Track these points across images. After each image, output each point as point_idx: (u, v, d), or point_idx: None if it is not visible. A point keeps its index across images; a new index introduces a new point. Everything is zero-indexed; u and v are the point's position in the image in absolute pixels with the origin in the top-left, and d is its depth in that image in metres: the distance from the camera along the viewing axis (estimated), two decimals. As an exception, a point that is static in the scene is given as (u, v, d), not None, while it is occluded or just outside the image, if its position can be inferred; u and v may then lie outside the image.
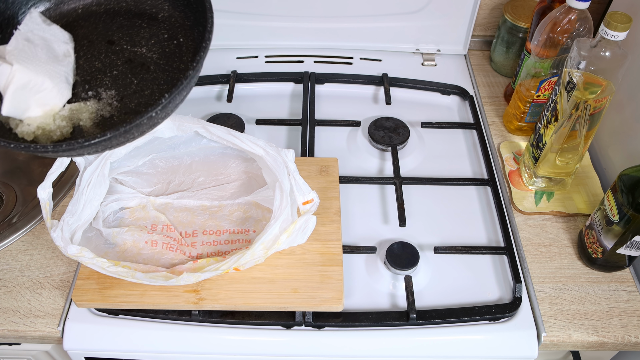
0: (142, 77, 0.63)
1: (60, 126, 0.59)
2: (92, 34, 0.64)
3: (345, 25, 1.03)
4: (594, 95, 0.70)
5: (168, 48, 0.65)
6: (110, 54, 0.64)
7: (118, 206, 0.75)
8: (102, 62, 0.64)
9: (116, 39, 0.64)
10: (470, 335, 0.68)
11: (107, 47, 0.64)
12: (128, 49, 0.64)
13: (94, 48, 0.64)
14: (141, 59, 0.64)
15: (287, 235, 0.67)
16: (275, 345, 0.68)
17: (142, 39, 0.65)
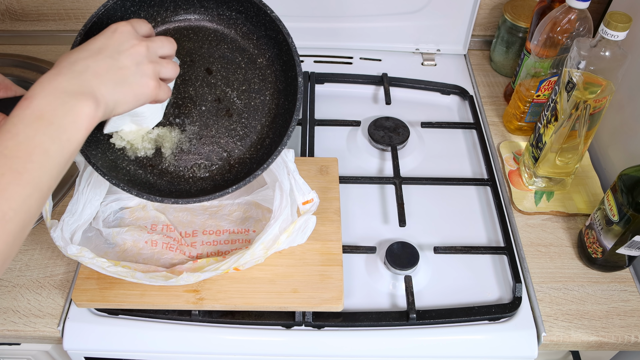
0: (223, 124, 0.67)
1: (145, 147, 0.64)
2: (196, 52, 0.65)
3: (345, 25, 1.03)
4: (593, 95, 0.70)
5: (254, 102, 0.67)
6: (205, 85, 0.66)
7: (118, 206, 0.75)
8: (195, 91, 0.66)
9: (214, 69, 0.66)
10: (470, 335, 0.68)
11: (204, 75, 0.66)
12: (221, 87, 0.66)
13: (193, 71, 0.65)
14: (228, 103, 0.66)
15: (287, 235, 0.67)
16: (275, 345, 0.68)
17: (236, 80, 0.66)
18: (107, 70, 0.47)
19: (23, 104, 0.42)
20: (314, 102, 0.96)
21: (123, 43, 0.49)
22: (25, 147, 0.41)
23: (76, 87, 0.44)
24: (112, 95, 0.47)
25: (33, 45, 1.08)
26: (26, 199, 0.40)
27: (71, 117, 0.43)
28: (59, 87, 0.44)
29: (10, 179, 0.39)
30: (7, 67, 1.03)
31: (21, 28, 1.09)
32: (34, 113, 0.42)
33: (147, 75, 0.51)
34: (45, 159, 0.41)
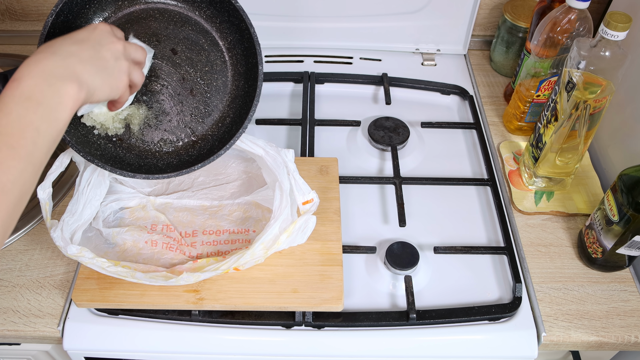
0: (187, 102, 0.70)
1: (116, 127, 0.67)
2: (162, 33, 0.68)
3: (345, 25, 1.03)
4: (593, 95, 0.70)
5: (216, 82, 0.71)
6: (170, 65, 0.69)
7: (118, 206, 0.75)
8: (161, 70, 0.69)
9: (179, 50, 0.69)
10: (470, 335, 0.68)
11: (169, 55, 0.69)
12: (185, 67, 0.70)
13: (159, 51, 0.68)
14: (192, 82, 0.70)
15: (287, 235, 0.67)
16: (275, 345, 0.68)
17: (199, 62, 0.70)
18: (90, 58, 0.50)
19: (12, 85, 0.45)
20: (314, 102, 0.96)
21: (103, 38, 0.53)
22: (18, 125, 0.43)
23: (61, 70, 0.47)
24: (93, 81, 0.50)
25: (33, 46, 1.08)
26: (22, 172, 0.43)
27: (57, 98, 0.46)
28: (45, 70, 0.46)
29: (6, 154, 0.42)
30: (7, 67, 1.03)
31: (21, 28, 1.09)
32: (23, 93, 0.45)
33: (122, 70, 0.55)
34: (37, 136, 0.44)
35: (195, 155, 0.70)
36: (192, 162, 0.68)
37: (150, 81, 0.69)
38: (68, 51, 0.49)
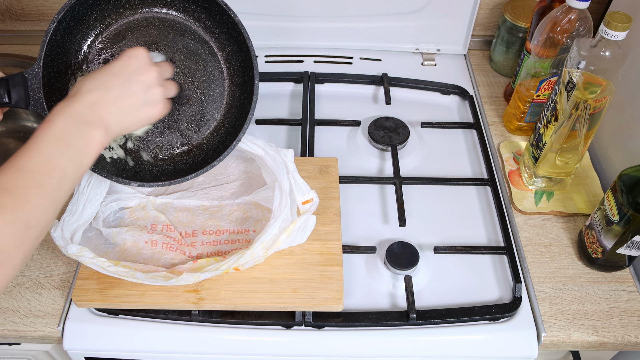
0: (184, 110, 0.71)
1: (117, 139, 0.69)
2: (161, 42, 0.69)
3: (345, 25, 1.03)
4: (593, 95, 0.70)
5: (212, 92, 0.71)
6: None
7: (118, 206, 0.75)
8: None
9: (178, 59, 0.70)
10: (470, 335, 0.68)
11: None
12: (183, 76, 0.70)
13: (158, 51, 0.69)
14: (190, 91, 0.71)
15: (287, 234, 0.67)
16: (275, 345, 0.68)
17: (197, 71, 0.71)
18: (120, 98, 0.54)
19: (45, 125, 0.49)
20: (314, 102, 0.96)
21: (138, 69, 0.55)
22: (48, 165, 0.47)
23: (89, 115, 0.51)
24: (121, 122, 0.54)
25: (33, 45, 1.08)
26: (46, 209, 0.46)
27: (85, 141, 0.50)
28: (75, 114, 0.50)
29: (35, 192, 0.45)
30: (7, 67, 1.03)
31: (21, 28, 1.09)
32: (54, 135, 0.48)
33: (155, 100, 0.58)
34: (63, 176, 0.48)
35: (190, 163, 0.71)
36: (186, 170, 0.70)
37: None
38: (97, 95, 0.52)
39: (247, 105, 0.68)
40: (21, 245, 0.44)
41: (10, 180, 0.45)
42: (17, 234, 0.44)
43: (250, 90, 0.68)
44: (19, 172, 0.45)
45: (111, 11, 0.66)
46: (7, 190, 0.44)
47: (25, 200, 0.45)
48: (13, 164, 0.46)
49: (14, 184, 0.45)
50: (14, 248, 0.43)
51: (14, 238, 0.43)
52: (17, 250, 0.44)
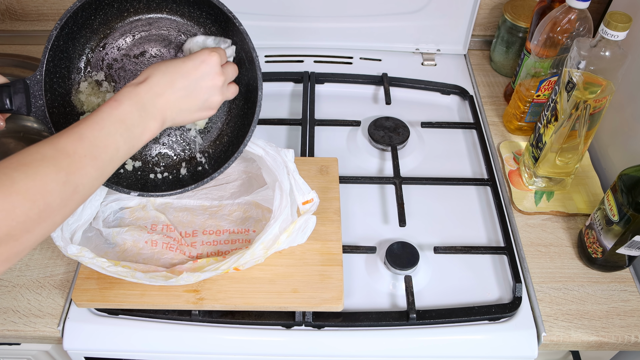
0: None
1: None
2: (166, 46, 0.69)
3: (345, 25, 1.03)
4: (593, 95, 0.70)
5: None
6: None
7: (118, 206, 0.75)
8: None
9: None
10: (470, 335, 0.68)
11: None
12: None
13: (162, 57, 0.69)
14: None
15: (287, 235, 0.67)
16: (275, 345, 0.68)
17: None
18: (178, 100, 0.56)
19: (112, 104, 0.52)
20: (314, 102, 0.96)
21: (206, 75, 0.58)
22: (105, 140, 0.50)
23: (152, 107, 0.54)
24: (173, 120, 0.57)
25: (33, 45, 1.08)
26: (94, 180, 0.49)
27: (142, 128, 0.53)
28: (141, 101, 0.53)
29: (89, 161, 0.48)
30: (7, 67, 1.03)
31: (21, 28, 1.09)
32: (118, 115, 0.51)
33: (211, 106, 0.60)
34: (116, 154, 0.51)
35: (192, 171, 0.71)
36: (187, 178, 0.70)
37: None
38: (162, 89, 0.55)
39: (250, 115, 0.67)
40: (64, 206, 0.47)
41: (70, 145, 0.48)
42: (65, 194, 0.46)
43: (254, 101, 0.66)
44: (79, 140, 0.48)
45: (115, 15, 0.65)
46: (66, 154, 0.47)
47: (80, 167, 0.48)
48: (76, 130, 0.49)
49: (72, 149, 0.48)
50: (59, 207, 0.46)
51: (62, 197, 0.46)
52: (60, 210, 0.47)
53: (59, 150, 0.47)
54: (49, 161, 0.46)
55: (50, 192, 0.45)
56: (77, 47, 0.64)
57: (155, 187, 0.69)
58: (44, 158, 0.46)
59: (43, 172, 0.45)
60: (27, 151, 0.46)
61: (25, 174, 0.44)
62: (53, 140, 0.48)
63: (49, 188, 0.45)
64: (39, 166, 0.45)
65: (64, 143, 0.48)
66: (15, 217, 0.42)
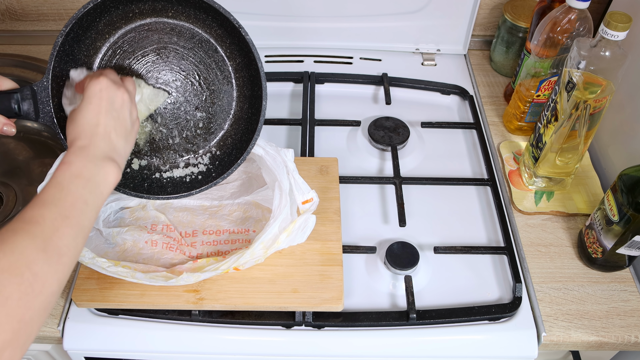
0: (192, 117, 0.71)
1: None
2: (172, 47, 0.68)
3: (345, 25, 1.03)
4: (593, 95, 0.70)
5: (221, 101, 0.71)
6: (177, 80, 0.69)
7: (118, 206, 0.75)
8: (167, 85, 0.69)
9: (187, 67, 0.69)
10: (470, 335, 0.68)
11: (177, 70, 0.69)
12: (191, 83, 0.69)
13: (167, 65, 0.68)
14: (198, 99, 0.70)
15: (287, 234, 0.67)
16: (275, 345, 0.68)
17: (206, 79, 0.69)
18: (113, 133, 0.57)
19: (64, 167, 0.52)
20: (314, 102, 0.96)
21: (113, 98, 0.57)
22: (70, 198, 0.50)
23: (98, 152, 0.55)
24: (124, 154, 0.58)
25: (33, 45, 1.08)
26: (75, 238, 0.49)
27: (103, 175, 0.54)
28: (87, 153, 0.54)
29: (61, 223, 0.48)
30: (7, 67, 1.03)
31: (21, 28, 1.09)
32: (73, 173, 0.52)
33: (136, 119, 0.61)
34: (85, 207, 0.51)
35: (196, 173, 0.72)
36: (191, 180, 0.71)
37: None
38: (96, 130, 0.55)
39: (254, 122, 0.68)
40: (56, 272, 0.46)
41: (36, 214, 0.47)
42: (51, 260, 0.46)
43: (258, 108, 0.66)
44: (43, 206, 0.48)
45: (120, 17, 0.64)
46: (35, 222, 0.47)
47: (54, 229, 0.47)
48: (38, 200, 0.49)
49: (40, 216, 0.47)
50: (49, 274, 0.45)
51: (49, 264, 0.45)
52: (53, 277, 0.46)
53: (27, 222, 0.46)
54: (20, 233, 0.45)
55: (34, 261, 0.44)
56: (82, 49, 0.64)
57: (160, 187, 0.70)
58: (15, 232, 0.45)
59: (19, 244, 0.44)
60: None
61: (3, 252, 0.43)
62: (19, 215, 0.47)
63: (31, 258, 0.44)
64: (13, 241, 0.44)
65: (30, 213, 0.47)
66: (9, 296, 0.41)
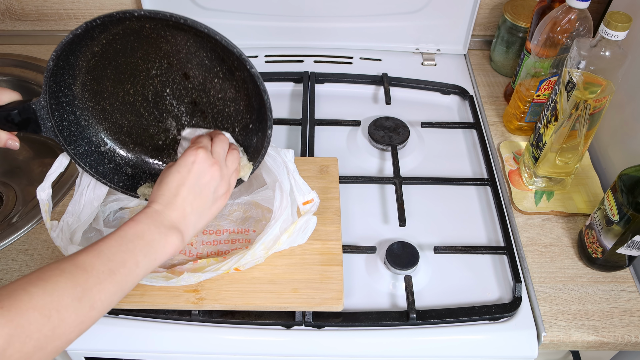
0: (198, 122, 0.69)
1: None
2: (174, 56, 0.63)
3: (345, 25, 1.03)
4: (593, 94, 0.70)
5: (228, 109, 0.67)
6: (182, 89, 0.66)
7: (118, 206, 0.75)
8: (173, 92, 0.67)
9: (192, 75, 0.65)
10: (470, 335, 0.68)
11: (181, 79, 0.66)
12: (196, 92, 0.67)
13: (171, 74, 0.65)
14: (204, 106, 0.68)
15: (288, 235, 0.67)
16: (275, 345, 0.68)
17: (212, 89, 0.66)
18: (190, 207, 0.58)
19: (130, 223, 0.53)
20: (314, 102, 0.96)
21: (201, 173, 0.58)
22: (123, 255, 0.51)
23: (167, 221, 0.56)
24: (194, 229, 0.59)
25: (33, 45, 1.08)
26: (112, 295, 0.49)
27: (163, 243, 0.54)
28: (157, 219, 0.55)
29: (106, 276, 0.49)
30: (8, 67, 1.03)
31: (21, 28, 1.09)
32: (137, 232, 0.53)
33: (221, 195, 0.61)
34: (135, 268, 0.52)
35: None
36: None
37: (162, 100, 0.67)
38: (174, 200, 0.57)
39: (262, 135, 0.65)
40: (81, 323, 0.47)
41: (88, 261, 0.48)
42: (82, 311, 0.46)
43: (265, 130, 0.63)
44: (97, 256, 0.49)
45: (115, 23, 0.59)
46: (84, 269, 0.48)
47: (97, 281, 0.48)
48: (95, 247, 0.50)
49: (90, 264, 0.48)
50: (74, 324, 0.46)
51: (77, 314, 0.46)
52: (76, 327, 0.46)
53: (76, 266, 0.47)
54: (66, 276, 0.46)
55: (66, 307, 0.45)
56: (80, 57, 0.61)
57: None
58: (62, 273, 0.46)
59: (60, 287, 0.45)
60: (48, 267, 0.47)
61: (43, 289, 0.44)
62: (72, 256, 0.48)
63: (65, 303, 0.45)
64: (57, 281, 0.45)
65: (83, 259, 0.48)
66: (30, 334, 0.42)
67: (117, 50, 0.62)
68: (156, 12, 0.54)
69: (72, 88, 0.63)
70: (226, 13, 1.00)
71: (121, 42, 0.61)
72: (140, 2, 0.99)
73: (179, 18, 0.54)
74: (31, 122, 0.60)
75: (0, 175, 0.97)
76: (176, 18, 0.54)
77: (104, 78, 0.65)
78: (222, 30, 0.56)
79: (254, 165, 0.67)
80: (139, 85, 0.66)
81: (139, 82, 0.65)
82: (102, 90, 0.65)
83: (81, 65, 0.62)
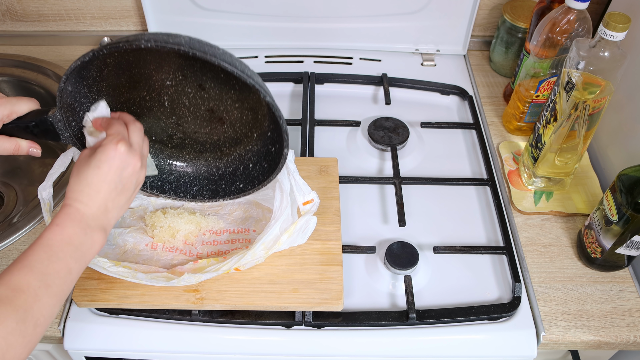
0: (216, 127, 0.69)
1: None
2: (188, 69, 0.63)
3: (345, 25, 1.04)
4: (593, 95, 0.70)
5: (245, 117, 0.67)
6: (198, 98, 0.66)
7: (118, 206, 0.75)
8: (189, 101, 0.67)
9: (207, 87, 0.65)
10: (470, 335, 0.69)
11: (196, 89, 0.65)
12: (213, 101, 0.66)
13: (186, 84, 0.64)
14: (220, 113, 0.68)
15: (288, 235, 0.67)
16: (275, 345, 0.68)
17: (229, 98, 0.66)
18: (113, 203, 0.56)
19: (55, 229, 0.52)
20: (313, 102, 0.96)
21: (124, 167, 0.56)
22: (55, 265, 0.50)
23: (92, 220, 0.55)
24: (115, 221, 0.58)
25: (34, 46, 1.08)
26: (52, 307, 0.49)
27: (90, 244, 0.54)
28: (82, 221, 0.54)
29: (44, 292, 0.48)
30: (8, 67, 1.04)
31: (22, 29, 1.09)
32: (64, 239, 0.52)
33: (140, 183, 0.60)
34: (68, 275, 0.51)
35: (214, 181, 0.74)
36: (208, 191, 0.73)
37: (179, 107, 0.67)
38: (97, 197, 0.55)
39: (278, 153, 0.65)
40: (28, 343, 0.47)
41: (23, 280, 0.48)
42: (27, 331, 0.46)
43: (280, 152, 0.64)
44: (30, 272, 0.49)
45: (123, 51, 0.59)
46: (20, 290, 0.47)
47: (36, 299, 0.48)
48: (25, 262, 0.49)
49: (26, 283, 0.48)
50: (22, 345, 0.46)
51: (24, 336, 0.46)
52: (24, 348, 0.46)
53: (12, 289, 0.47)
54: (5, 302, 0.46)
55: (12, 332, 0.45)
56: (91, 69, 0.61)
57: (172, 190, 0.73)
58: (1, 300, 0.46)
59: (2, 314, 0.45)
60: None
61: None
62: (5, 278, 0.48)
63: (10, 329, 0.45)
64: None
65: (16, 279, 0.48)
66: None
67: (130, 62, 0.61)
68: (165, 41, 0.52)
69: (88, 96, 0.63)
70: (226, 13, 1.00)
71: (134, 54, 0.61)
72: (140, 2, 0.99)
73: (188, 50, 0.52)
74: (49, 132, 0.61)
75: (1, 175, 0.97)
76: (185, 50, 0.52)
77: (118, 85, 0.64)
78: (222, 31, 0.56)
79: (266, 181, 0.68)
80: (154, 93, 0.65)
81: (154, 90, 0.65)
82: (118, 95, 0.65)
83: (95, 76, 0.62)
